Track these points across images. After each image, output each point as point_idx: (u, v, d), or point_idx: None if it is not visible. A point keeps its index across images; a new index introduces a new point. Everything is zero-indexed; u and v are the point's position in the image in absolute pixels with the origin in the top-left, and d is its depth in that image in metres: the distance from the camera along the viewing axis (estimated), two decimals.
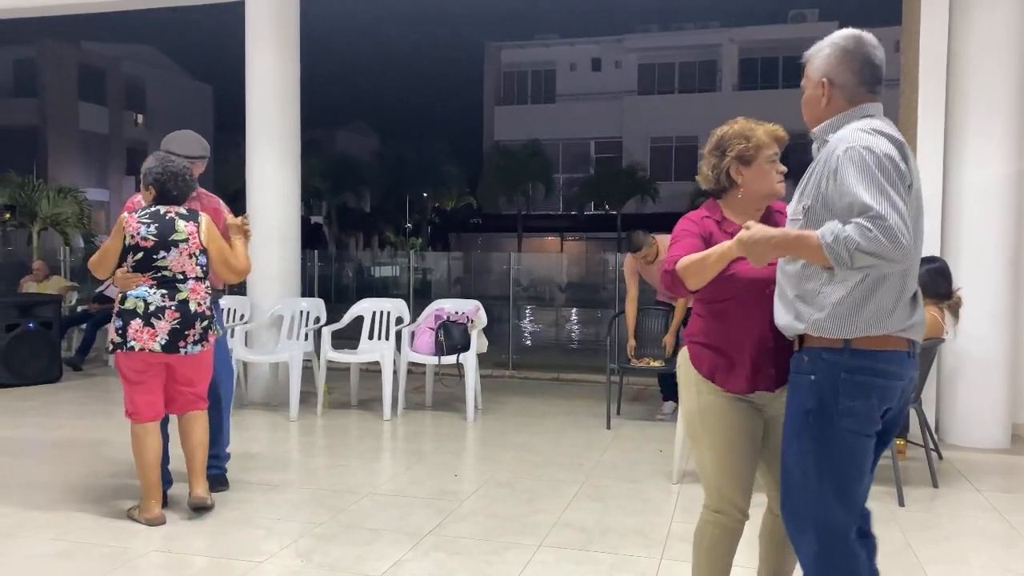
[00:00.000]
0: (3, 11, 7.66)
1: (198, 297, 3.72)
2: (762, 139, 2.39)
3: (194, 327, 3.68)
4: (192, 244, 3.71)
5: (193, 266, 3.71)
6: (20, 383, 7.26)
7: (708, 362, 2.40)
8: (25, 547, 3.38)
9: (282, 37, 6.63)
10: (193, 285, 3.71)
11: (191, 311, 3.68)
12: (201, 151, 4.13)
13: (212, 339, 3.81)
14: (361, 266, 20.02)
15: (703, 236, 2.39)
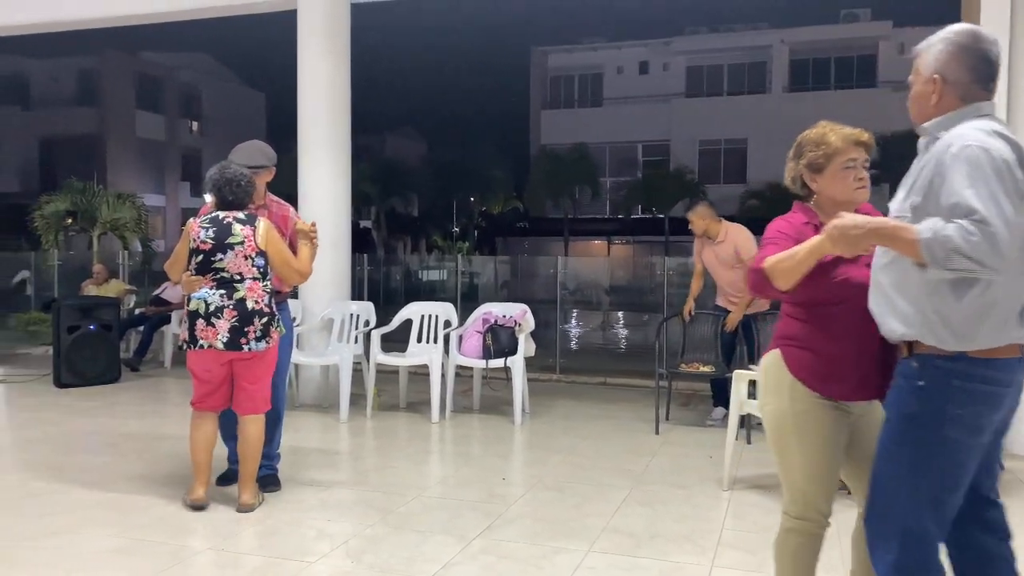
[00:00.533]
0: (66, 23, 7.94)
1: (255, 296, 3.86)
2: (836, 145, 2.33)
3: (253, 324, 3.83)
4: (247, 246, 3.84)
5: (249, 267, 3.85)
6: (81, 383, 7.48)
7: (808, 367, 2.33)
8: (87, 543, 3.48)
9: (333, 45, 6.73)
10: (250, 284, 3.86)
11: (248, 309, 3.82)
12: (263, 160, 4.23)
13: (276, 336, 3.94)
14: (409, 270, 20.20)
15: (799, 241, 2.29)
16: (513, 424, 5.98)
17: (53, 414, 6.31)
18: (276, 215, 4.23)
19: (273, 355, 4.00)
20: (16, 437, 5.55)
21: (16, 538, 3.52)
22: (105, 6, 7.62)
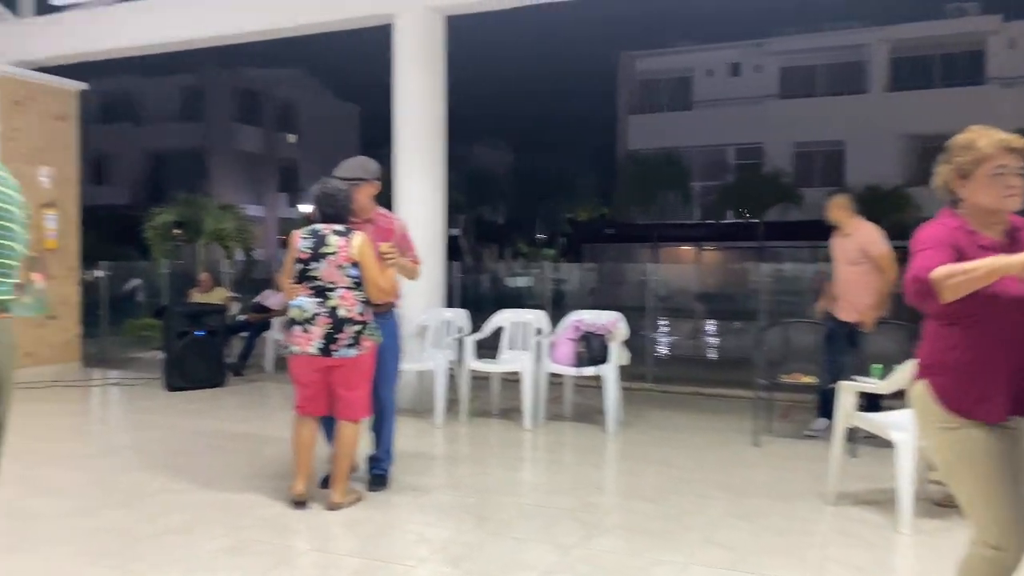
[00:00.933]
0: (174, 44, 8.35)
1: (347, 304, 3.99)
2: (984, 151, 2.23)
3: (344, 331, 3.97)
4: (340, 256, 3.99)
5: (342, 276, 4.00)
6: (189, 387, 7.83)
7: (958, 394, 2.24)
8: (200, 542, 3.63)
9: (429, 57, 6.86)
10: (343, 293, 4.00)
11: (340, 317, 3.97)
12: (361, 174, 4.35)
13: (367, 345, 4.04)
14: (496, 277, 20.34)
15: (955, 247, 2.20)
16: (606, 433, 5.94)
17: (165, 416, 6.63)
18: (381, 228, 4.36)
19: (368, 363, 4.10)
20: (133, 438, 5.85)
21: (138, 536, 3.71)
22: (210, 27, 7.97)
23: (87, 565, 3.33)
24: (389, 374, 4.42)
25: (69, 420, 6.89)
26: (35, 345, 8.84)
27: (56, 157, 9.18)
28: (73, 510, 4.11)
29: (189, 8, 8.05)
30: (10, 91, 8.74)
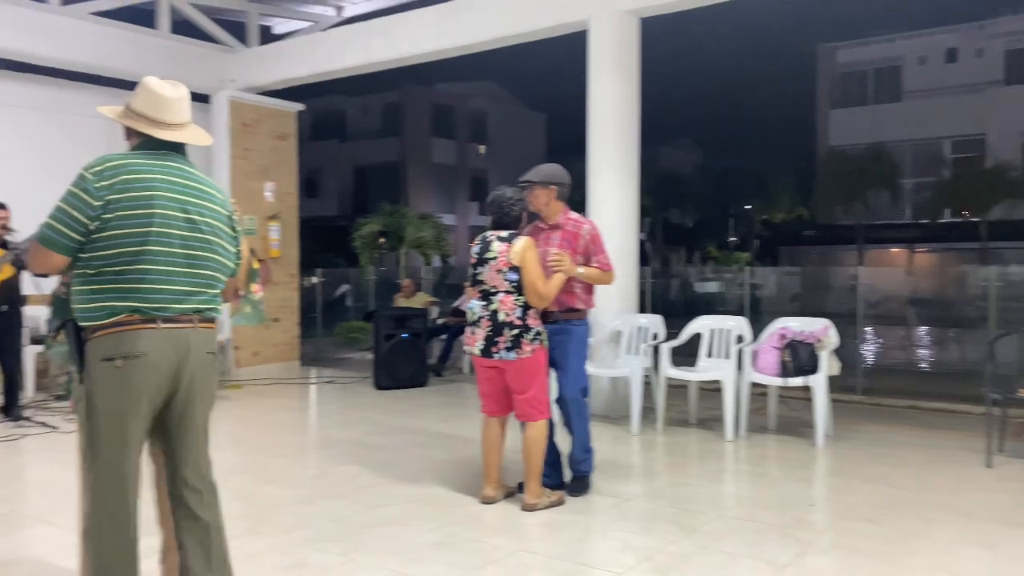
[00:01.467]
0: (376, 64, 8.87)
1: (507, 308, 4.10)
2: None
3: (503, 335, 4.08)
4: (500, 261, 4.11)
5: (501, 280, 4.11)
6: (395, 386, 8.28)
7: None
8: (412, 535, 3.80)
9: (623, 61, 6.83)
10: (503, 297, 4.11)
11: (499, 320, 4.10)
12: (534, 177, 4.41)
13: (528, 349, 4.10)
14: (686, 282, 19.89)
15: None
16: (814, 447, 5.61)
17: (374, 413, 7.04)
18: (569, 233, 4.38)
19: (535, 366, 4.15)
20: (347, 433, 6.24)
21: (356, 526, 3.95)
22: (411, 46, 8.38)
23: (314, 551, 3.59)
24: (574, 375, 4.40)
25: (291, 415, 7.49)
26: (261, 345, 9.70)
27: (278, 173, 10.03)
28: (298, 498, 4.45)
29: (392, 30, 8.53)
30: (241, 115, 9.66)
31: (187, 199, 2.61)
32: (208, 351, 2.68)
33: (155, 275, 2.54)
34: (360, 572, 3.34)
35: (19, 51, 7.98)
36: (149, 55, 8.84)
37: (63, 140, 8.49)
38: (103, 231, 2.49)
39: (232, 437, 6.04)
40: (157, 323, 2.54)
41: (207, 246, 2.65)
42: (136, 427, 2.56)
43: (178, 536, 2.70)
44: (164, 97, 2.65)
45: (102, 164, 2.53)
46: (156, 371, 2.53)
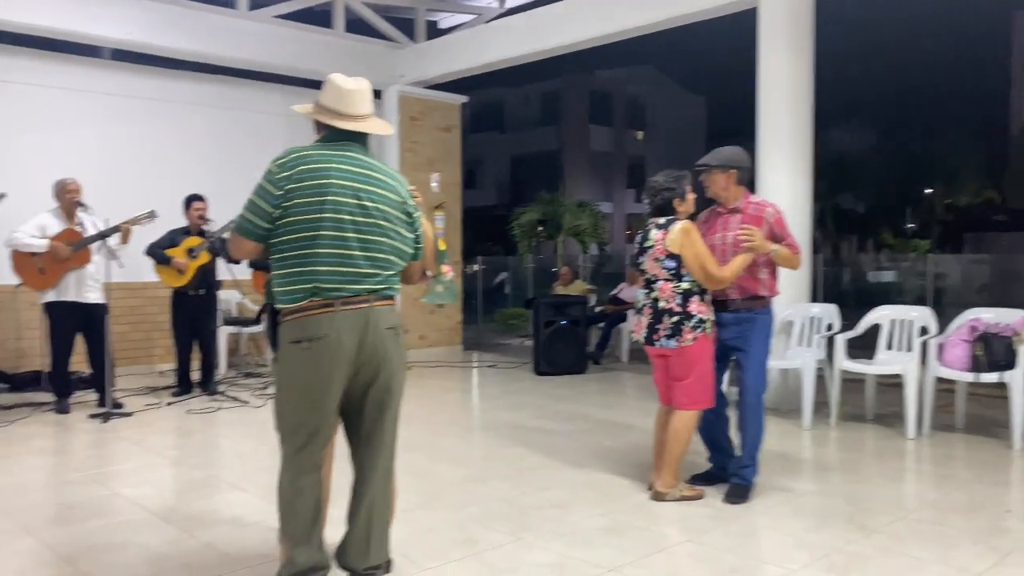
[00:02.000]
0: (538, 53, 8.93)
1: (666, 296, 4.08)
2: None
3: (663, 322, 4.07)
4: (656, 250, 4.09)
5: (659, 268, 4.09)
6: (555, 372, 8.37)
7: None
8: (578, 519, 3.84)
9: (796, 39, 6.52)
10: (662, 285, 4.09)
11: (659, 308, 4.09)
12: (709, 160, 4.25)
13: (690, 337, 4.03)
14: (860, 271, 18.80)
15: None
16: (1010, 449, 5.16)
17: (535, 398, 7.15)
18: (750, 216, 4.21)
19: (695, 355, 4.05)
20: (511, 416, 6.38)
21: (523, 507, 4.03)
22: (572, 33, 8.38)
23: (484, 528, 3.70)
24: (755, 371, 4.21)
25: (457, 396, 7.75)
26: (427, 329, 10.09)
27: (443, 164, 10.36)
28: (467, 477, 4.60)
29: (553, 18, 8.56)
30: (409, 108, 10.04)
31: (359, 185, 2.74)
32: (388, 326, 2.79)
33: (330, 259, 2.68)
34: (528, 552, 3.41)
35: (209, 54, 8.66)
36: (326, 54, 9.36)
37: (249, 137, 9.17)
38: (284, 218, 2.68)
39: (404, 416, 6.29)
40: (335, 306, 2.68)
41: (379, 230, 2.76)
42: (322, 405, 2.71)
43: (354, 509, 2.87)
44: (345, 90, 2.82)
45: (286, 156, 2.73)
46: (339, 350, 2.67)
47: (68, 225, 6.37)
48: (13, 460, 5.01)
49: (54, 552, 3.40)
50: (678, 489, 4.15)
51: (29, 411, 6.39)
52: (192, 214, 7.09)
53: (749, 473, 4.20)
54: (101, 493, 4.28)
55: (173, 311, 7.21)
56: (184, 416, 6.35)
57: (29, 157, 7.68)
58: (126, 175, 8.24)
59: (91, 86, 8.31)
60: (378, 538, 2.86)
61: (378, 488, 2.85)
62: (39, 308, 6.55)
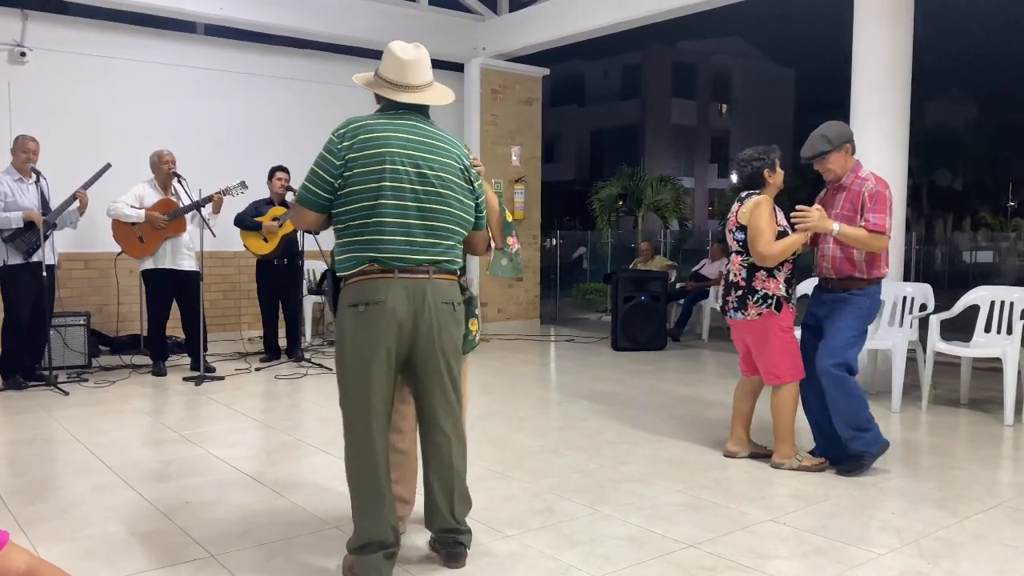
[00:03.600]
0: (624, 23, 8.76)
1: (735, 268, 4.20)
2: None
3: (731, 294, 4.22)
4: (730, 221, 4.21)
5: (732, 241, 4.21)
6: (633, 348, 8.32)
7: None
8: (658, 494, 3.82)
9: (894, 7, 6.23)
10: (733, 257, 4.21)
11: (729, 280, 4.25)
12: (829, 145, 4.07)
13: (754, 311, 4.11)
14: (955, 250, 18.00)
15: None
16: None
17: (614, 372, 7.13)
18: (853, 192, 4.06)
19: (764, 329, 4.12)
20: (589, 389, 6.37)
21: (601, 480, 4.03)
22: (654, 3, 8.19)
23: (562, 499, 3.72)
24: (831, 347, 4.08)
25: (535, 368, 7.79)
26: (505, 303, 10.15)
27: (524, 138, 10.34)
28: (546, 447, 4.62)
29: None
30: (490, 81, 10.04)
31: (418, 154, 2.73)
32: (444, 301, 2.77)
33: (390, 227, 2.69)
34: (606, 524, 3.41)
35: (298, 28, 8.83)
36: (411, 27, 9.41)
37: (334, 109, 9.28)
38: (345, 188, 2.70)
39: (483, 386, 6.39)
40: (394, 273, 2.69)
41: (439, 198, 2.75)
42: (379, 370, 2.69)
43: (426, 476, 2.92)
44: (404, 60, 2.80)
45: (345, 126, 2.74)
46: (393, 317, 2.67)
47: (164, 195, 6.64)
48: (114, 418, 5.29)
49: (153, 507, 3.58)
50: (796, 459, 4.16)
51: (128, 373, 6.73)
52: (275, 184, 7.29)
53: (858, 444, 4.11)
54: (195, 452, 4.48)
55: (258, 280, 7.46)
56: (272, 381, 6.57)
57: (128, 129, 8.02)
58: (218, 147, 8.52)
59: (185, 61, 8.60)
60: (457, 501, 2.89)
61: (444, 455, 2.85)
62: (137, 275, 6.88)
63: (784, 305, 4.11)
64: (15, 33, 7.65)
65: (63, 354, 6.75)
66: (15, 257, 5.95)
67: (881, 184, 4.05)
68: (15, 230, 5.92)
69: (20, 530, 3.22)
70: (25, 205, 5.99)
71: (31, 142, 6.09)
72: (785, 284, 4.13)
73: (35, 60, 7.72)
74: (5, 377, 6.10)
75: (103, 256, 7.64)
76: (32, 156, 6.08)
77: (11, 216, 5.91)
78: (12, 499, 3.64)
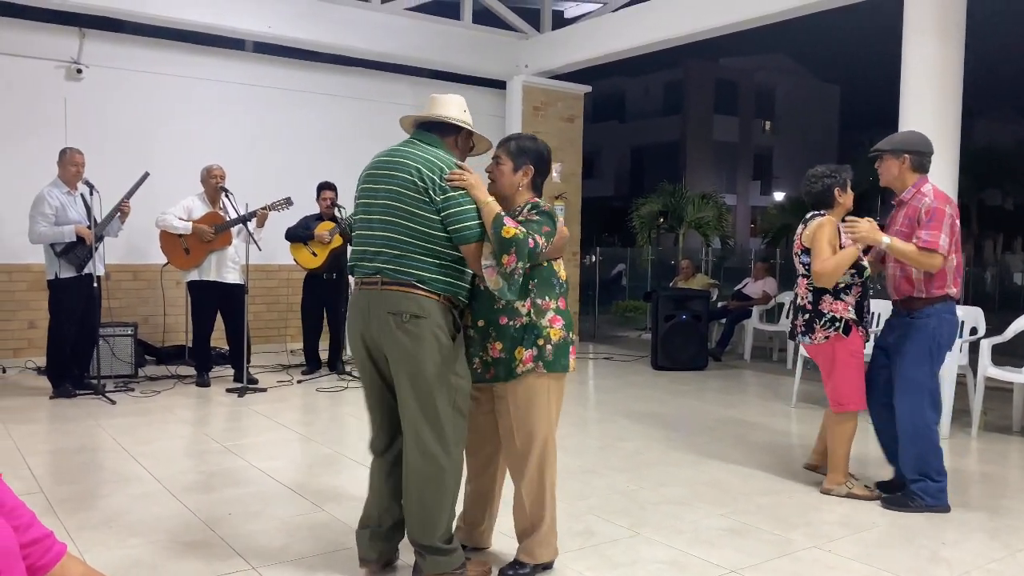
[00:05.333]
0: (667, 41, 8.75)
1: (801, 291, 4.16)
2: None
3: (799, 318, 4.17)
4: (795, 244, 4.19)
5: (797, 264, 4.19)
6: (674, 367, 8.23)
7: None
8: (700, 518, 3.76)
9: (945, 25, 6.12)
10: (800, 280, 4.18)
11: (796, 303, 4.21)
12: (889, 145, 3.98)
13: (821, 335, 4.04)
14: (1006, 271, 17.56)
15: None
16: None
17: (654, 392, 7.06)
18: (912, 208, 3.90)
19: (830, 354, 4.04)
20: (628, 409, 6.32)
21: (642, 501, 3.99)
22: (702, 20, 8.16)
23: (602, 521, 3.68)
24: (905, 381, 3.91)
25: (575, 387, 7.72)
26: None
27: (565, 154, 10.34)
28: (585, 467, 4.59)
29: (681, 5, 8.37)
30: (532, 98, 10.08)
31: (378, 171, 2.91)
32: (391, 311, 2.75)
33: (356, 240, 2.95)
34: (647, 548, 3.37)
35: (344, 46, 8.97)
36: (454, 45, 9.51)
37: (380, 126, 9.41)
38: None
39: None
40: (360, 284, 2.90)
41: (387, 211, 2.84)
42: (363, 372, 2.97)
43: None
44: (429, 98, 3.04)
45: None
46: (354, 325, 2.91)
47: (212, 209, 6.76)
48: (159, 428, 5.38)
49: (196, 516, 3.63)
50: (846, 486, 4.08)
51: (173, 383, 6.84)
52: (321, 203, 7.40)
53: (918, 487, 3.89)
54: (237, 464, 4.54)
55: (305, 293, 7.55)
56: (313, 394, 6.64)
57: (178, 144, 8.20)
58: (266, 161, 8.67)
59: (234, 77, 8.78)
60: (410, 520, 2.89)
61: (409, 470, 2.84)
62: (183, 286, 7.00)
63: (853, 328, 4.01)
64: (72, 50, 7.89)
65: (111, 363, 6.89)
66: (67, 270, 6.10)
67: (940, 200, 3.85)
68: (67, 244, 6.08)
69: (69, 538, 3.28)
70: (73, 218, 6.14)
71: (78, 155, 6.25)
72: (856, 307, 4.04)
73: (91, 76, 7.95)
74: (55, 386, 6.25)
75: (151, 268, 7.81)
76: (80, 169, 6.24)
77: (64, 230, 6.07)
78: (61, 506, 3.72)
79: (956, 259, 3.89)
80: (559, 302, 2.96)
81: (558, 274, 2.99)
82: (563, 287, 3.00)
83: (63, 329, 6.19)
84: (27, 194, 6.26)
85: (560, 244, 2.96)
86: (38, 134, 7.63)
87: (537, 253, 2.78)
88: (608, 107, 35.83)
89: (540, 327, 2.90)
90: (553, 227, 2.88)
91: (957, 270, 3.93)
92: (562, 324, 2.95)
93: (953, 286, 3.92)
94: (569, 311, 3.02)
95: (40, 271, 6.68)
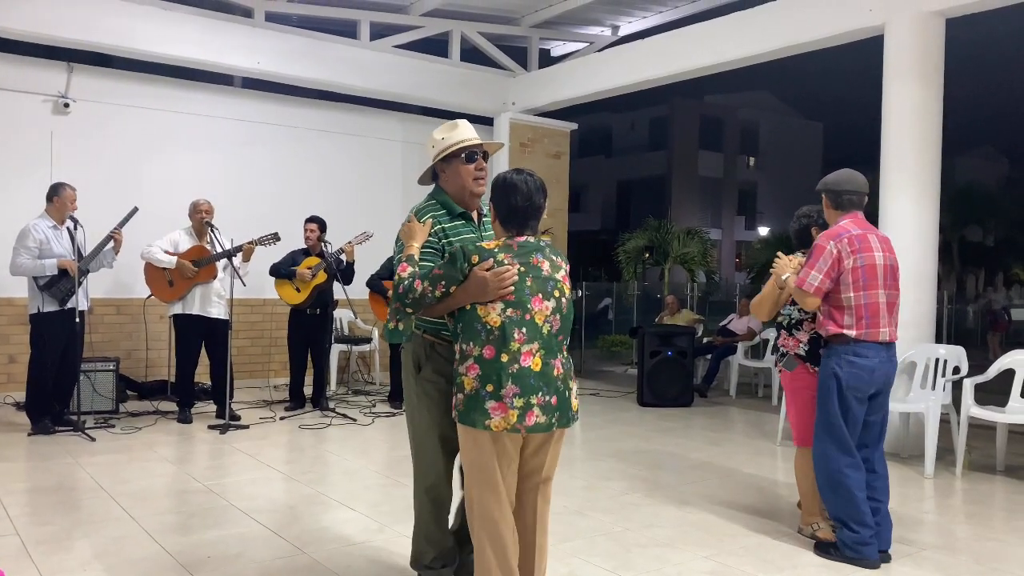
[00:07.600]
0: (652, 80, 8.87)
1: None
2: None
3: (778, 351, 4.26)
4: None
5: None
6: (659, 404, 8.22)
7: None
8: (686, 560, 3.73)
9: (924, 66, 6.26)
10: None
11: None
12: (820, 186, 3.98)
13: (777, 369, 4.32)
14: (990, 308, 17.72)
15: None
16: None
17: (639, 430, 7.04)
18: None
19: (787, 388, 4.16)
20: (615, 448, 6.30)
21: (626, 543, 3.96)
22: (687, 60, 8.29)
23: (586, 563, 3.65)
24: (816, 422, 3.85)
25: None
26: None
27: (551, 190, 10.25)
28: (569, 508, 4.55)
29: (664, 47, 8.52)
30: (520, 135, 10.17)
31: None
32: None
33: None
34: None
35: (332, 83, 9.04)
36: (442, 82, 9.61)
37: (368, 162, 9.50)
38: None
39: None
40: None
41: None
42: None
43: None
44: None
45: None
46: None
47: (198, 243, 6.75)
48: (140, 466, 5.30)
49: (175, 560, 3.57)
50: (812, 527, 4.04)
51: (155, 419, 6.77)
52: (305, 235, 7.42)
53: (840, 534, 3.77)
54: (218, 504, 4.47)
55: (290, 329, 7.52)
56: (296, 431, 6.57)
57: (165, 179, 8.21)
58: (254, 197, 8.68)
59: (223, 112, 8.81)
60: None
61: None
62: (166, 320, 6.96)
63: (799, 364, 4.04)
64: (60, 84, 7.91)
65: (92, 399, 6.80)
66: (50, 304, 6.06)
67: (826, 237, 3.77)
68: (50, 278, 6.04)
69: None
70: (58, 252, 6.11)
71: (70, 190, 6.24)
72: (808, 343, 4.03)
73: (78, 111, 7.95)
74: (34, 422, 6.16)
75: (134, 302, 7.76)
76: (71, 205, 6.23)
77: (46, 263, 6.03)
78: (36, 549, 3.65)
79: (870, 297, 3.72)
80: (484, 350, 2.64)
81: (483, 319, 2.65)
82: (492, 334, 2.64)
83: (44, 364, 6.12)
84: (12, 228, 6.22)
85: (478, 290, 2.66)
86: (24, 168, 7.62)
87: (401, 294, 2.74)
88: (595, 142, 36.13)
89: (458, 374, 2.72)
90: (446, 268, 2.72)
91: (882, 308, 3.76)
92: (477, 374, 2.65)
93: (858, 327, 3.70)
94: (502, 363, 2.63)
95: (23, 305, 6.63)
